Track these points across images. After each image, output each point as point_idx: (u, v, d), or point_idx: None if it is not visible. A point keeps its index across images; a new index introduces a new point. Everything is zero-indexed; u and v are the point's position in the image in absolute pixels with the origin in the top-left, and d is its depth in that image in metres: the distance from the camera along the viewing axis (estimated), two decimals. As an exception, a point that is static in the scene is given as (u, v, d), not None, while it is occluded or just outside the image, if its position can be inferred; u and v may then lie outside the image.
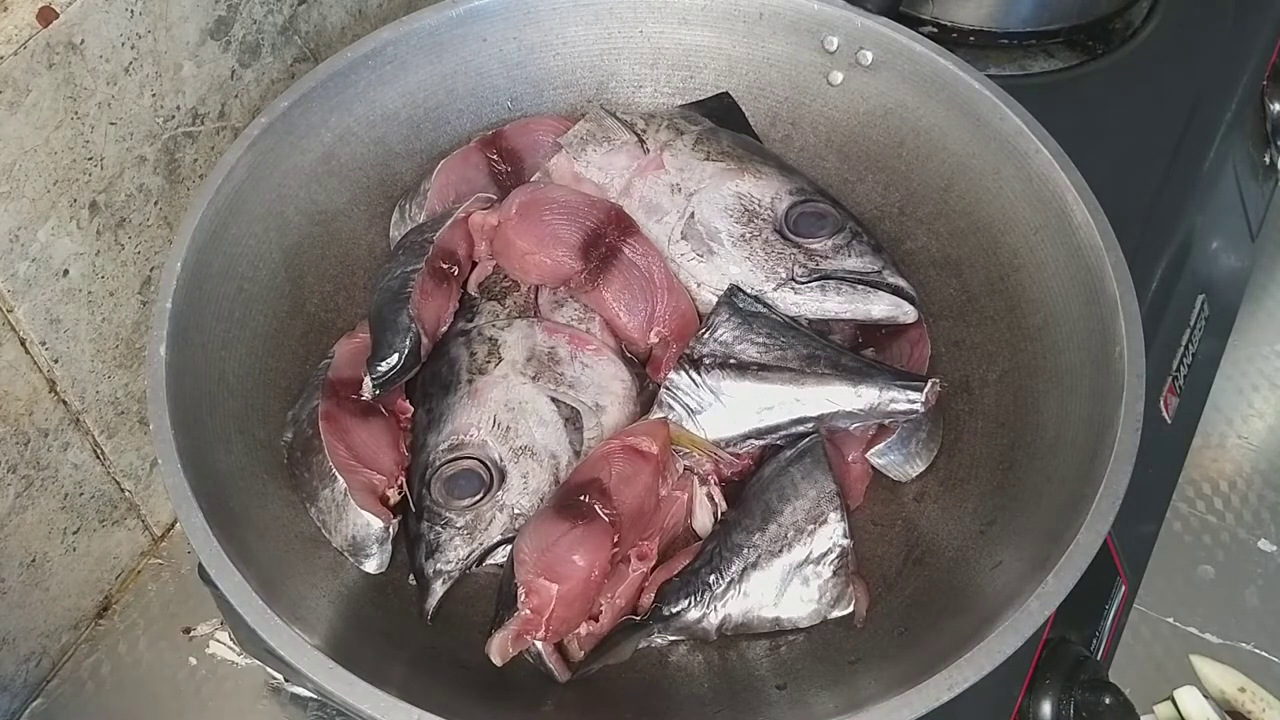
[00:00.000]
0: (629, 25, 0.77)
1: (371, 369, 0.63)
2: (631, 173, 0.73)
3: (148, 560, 0.80)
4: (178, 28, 0.67)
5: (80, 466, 0.72)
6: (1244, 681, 0.57)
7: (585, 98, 0.79)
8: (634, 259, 0.68)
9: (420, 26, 0.72)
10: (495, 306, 0.70)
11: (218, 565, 0.51)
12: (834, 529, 0.60)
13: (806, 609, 0.59)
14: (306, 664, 0.49)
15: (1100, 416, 0.57)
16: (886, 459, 0.64)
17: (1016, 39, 0.90)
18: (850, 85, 0.74)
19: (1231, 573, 0.81)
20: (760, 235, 0.69)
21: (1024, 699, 0.62)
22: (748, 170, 0.72)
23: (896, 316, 0.67)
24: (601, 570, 0.56)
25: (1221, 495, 0.85)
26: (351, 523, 0.59)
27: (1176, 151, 0.83)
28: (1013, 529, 0.58)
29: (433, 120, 0.75)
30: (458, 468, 0.62)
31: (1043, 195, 0.65)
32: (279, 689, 0.74)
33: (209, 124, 0.73)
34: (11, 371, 0.64)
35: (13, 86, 0.58)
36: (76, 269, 0.66)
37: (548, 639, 0.55)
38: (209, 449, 0.57)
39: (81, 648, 0.76)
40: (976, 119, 0.69)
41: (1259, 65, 0.92)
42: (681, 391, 0.63)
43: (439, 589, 0.59)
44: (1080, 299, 0.62)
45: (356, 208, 0.73)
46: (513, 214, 0.70)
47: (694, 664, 0.59)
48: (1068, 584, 0.51)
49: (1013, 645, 0.49)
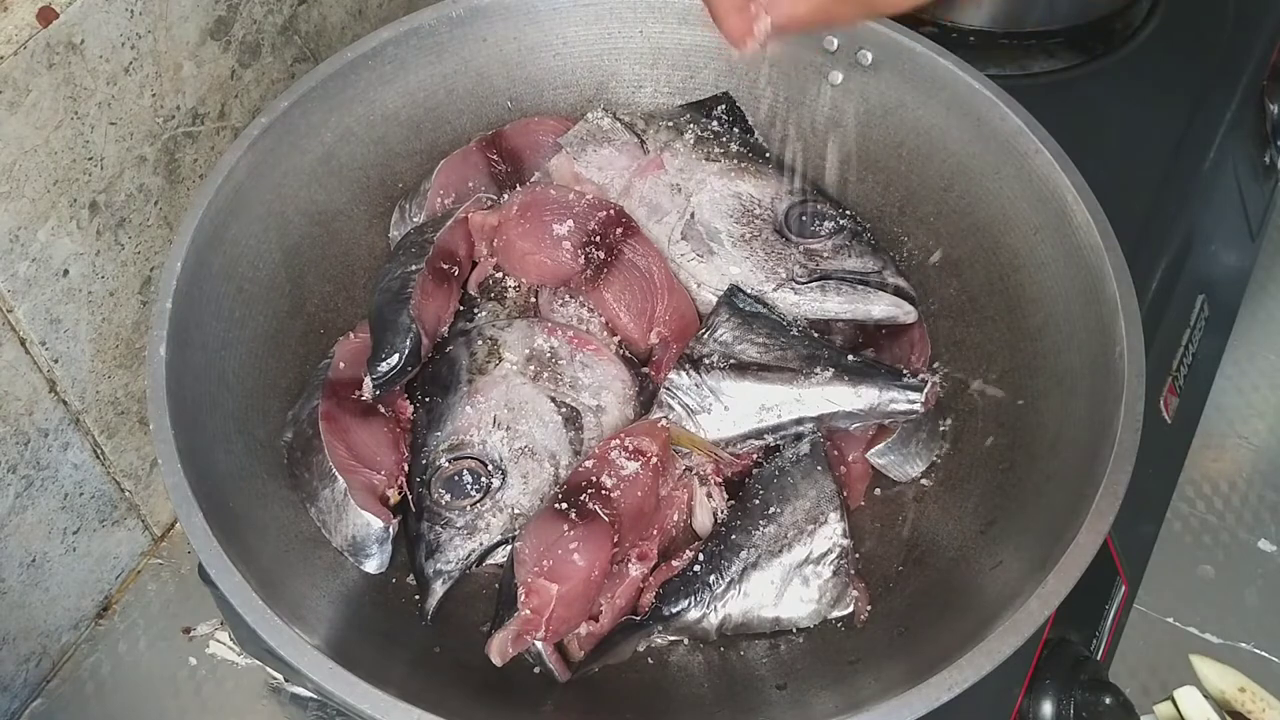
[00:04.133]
0: (629, 25, 0.77)
1: (372, 369, 0.63)
2: (631, 173, 0.73)
3: (148, 560, 0.80)
4: (178, 28, 0.67)
5: (80, 466, 0.72)
6: (1244, 681, 0.57)
7: (585, 98, 0.79)
8: (634, 259, 0.68)
9: (420, 26, 0.72)
10: (495, 306, 0.70)
11: (218, 565, 0.51)
12: (834, 529, 0.60)
13: (806, 609, 0.59)
14: (306, 664, 0.49)
15: (1100, 416, 0.57)
16: (886, 459, 0.64)
17: (1016, 39, 0.90)
18: (850, 85, 0.74)
19: (1231, 573, 0.81)
20: (760, 235, 0.69)
21: (1024, 699, 0.62)
22: (748, 170, 0.72)
23: (896, 316, 0.67)
24: (601, 570, 0.56)
25: (1221, 495, 0.85)
26: (351, 523, 0.59)
27: (1176, 151, 0.83)
28: (1013, 529, 0.59)
29: (433, 120, 0.75)
30: (458, 468, 0.62)
31: (1043, 195, 0.65)
32: (279, 689, 0.74)
33: (209, 124, 0.73)
34: (11, 371, 0.64)
35: (13, 86, 0.58)
36: (76, 269, 0.66)
37: (548, 639, 0.55)
38: (209, 449, 0.58)
39: (81, 648, 0.76)
40: (976, 119, 0.69)
41: (1259, 65, 0.92)
42: (681, 391, 0.63)
43: (439, 589, 0.59)
44: (1080, 299, 0.62)
45: (356, 208, 0.73)
46: (513, 214, 0.70)
47: (694, 664, 0.59)
48: (1068, 584, 0.51)
49: (1013, 645, 0.49)
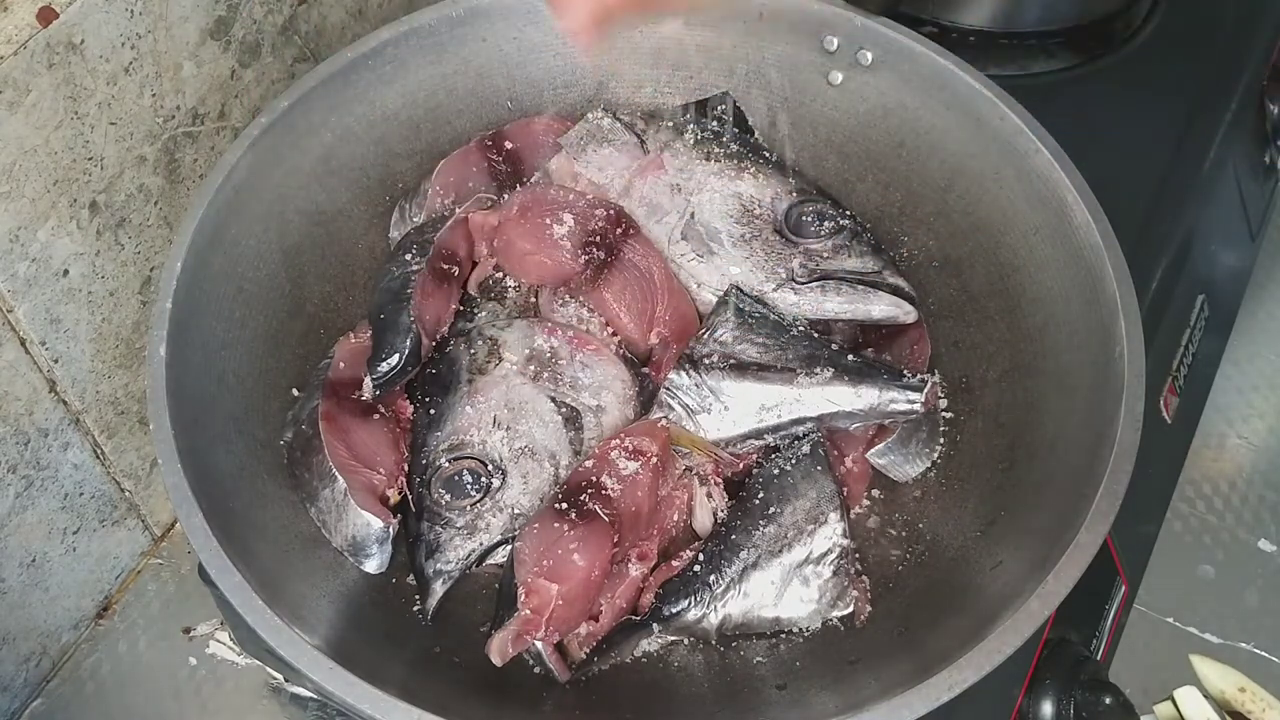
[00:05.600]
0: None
1: (372, 369, 0.63)
2: (632, 173, 0.73)
3: (148, 560, 0.80)
4: (178, 28, 0.67)
5: (80, 466, 0.72)
6: (1244, 681, 0.57)
7: (585, 98, 0.79)
8: (634, 259, 0.68)
9: (420, 26, 0.72)
10: (495, 306, 0.70)
11: (218, 565, 0.51)
12: (834, 529, 0.60)
13: (806, 609, 0.59)
14: (306, 664, 0.49)
15: (1100, 416, 0.57)
16: (886, 459, 0.64)
17: (1016, 39, 0.90)
18: (850, 85, 0.74)
19: (1231, 573, 0.81)
20: (760, 235, 0.69)
21: (1024, 699, 0.62)
22: (747, 170, 0.72)
23: (896, 316, 0.67)
24: (601, 570, 0.56)
25: (1221, 495, 0.85)
26: (351, 523, 0.59)
27: (1176, 151, 0.83)
28: (1013, 529, 0.59)
29: (433, 120, 0.75)
30: (458, 468, 0.62)
31: (1043, 195, 0.65)
32: (279, 689, 0.74)
33: (209, 124, 0.73)
34: (11, 371, 0.64)
35: (13, 86, 0.58)
36: (76, 269, 0.66)
37: (548, 639, 0.55)
38: (209, 449, 0.57)
39: (81, 648, 0.76)
40: (976, 119, 0.69)
41: (1259, 65, 0.92)
42: (681, 391, 0.63)
43: (439, 589, 0.59)
44: (1080, 299, 0.62)
45: (356, 208, 0.73)
46: (513, 214, 0.70)
47: (694, 664, 0.59)
48: (1068, 584, 0.51)
49: (1013, 645, 0.49)
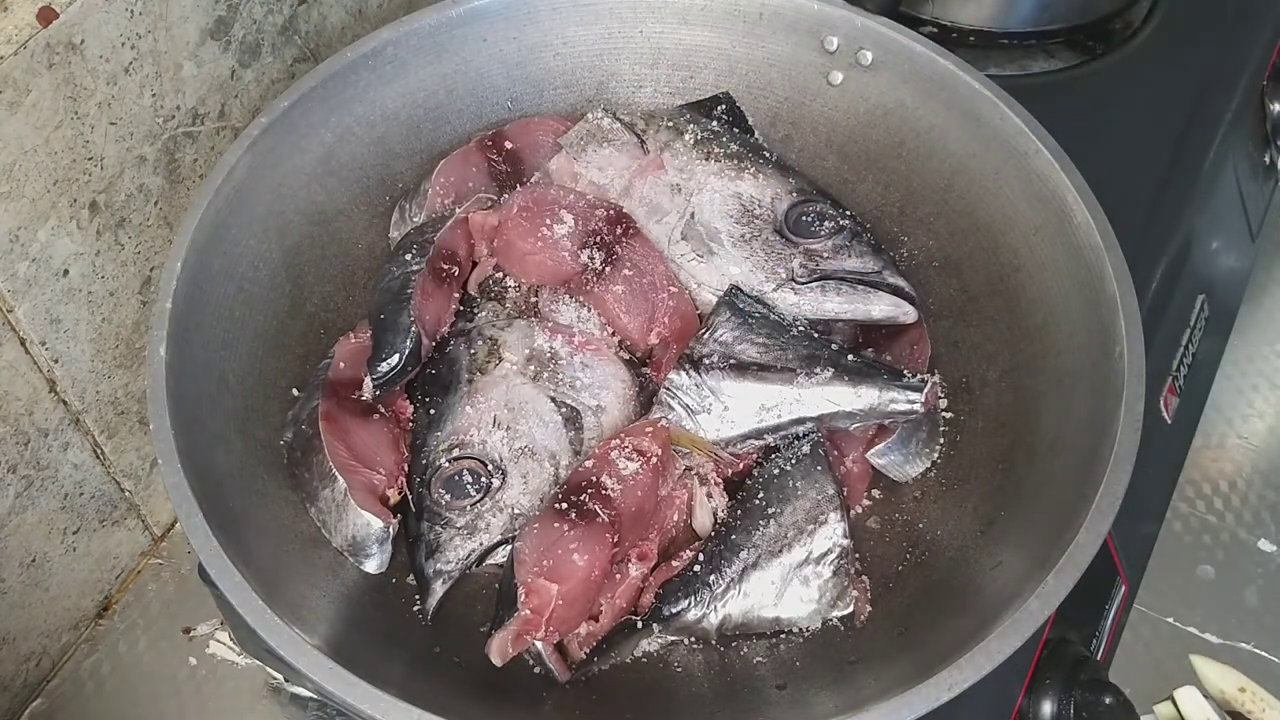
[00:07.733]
0: (629, 25, 0.77)
1: (372, 369, 0.63)
2: (632, 173, 0.73)
3: (148, 560, 0.80)
4: (178, 28, 0.67)
5: (80, 466, 0.72)
6: (1244, 681, 0.57)
7: (585, 98, 0.79)
8: (634, 259, 0.68)
9: (420, 26, 0.72)
10: (495, 306, 0.70)
11: (218, 565, 0.51)
12: (834, 529, 0.60)
13: (806, 609, 0.59)
14: (306, 664, 0.49)
15: (1100, 416, 0.57)
16: (886, 459, 0.64)
17: (1016, 39, 0.90)
18: (850, 85, 0.74)
19: (1231, 573, 0.81)
20: (760, 236, 0.69)
21: (1024, 699, 0.62)
22: (747, 170, 0.72)
23: (896, 316, 0.67)
24: (601, 570, 0.56)
25: (1221, 495, 0.85)
26: (351, 523, 0.59)
27: (1176, 151, 0.83)
28: (1013, 529, 0.59)
29: (433, 120, 0.75)
30: (458, 468, 0.62)
31: (1043, 195, 0.65)
32: (279, 689, 0.74)
33: (209, 124, 0.73)
34: (11, 371, 0.64)
35: (13, 86, 0.58)
36: (76, 269, 0.66)
37: (548, 639, 0.55)
38: (209, 449, 0.57)
39: (81, 648, 0.76)
40: (976, 119, 0.69)
41: (1259, 65, 0.92)
42: (681, 391, 0.63)
43: (439, 589, 0.59)
44: (1080, 299, 0.62)
45: (356, 208, 0.73)
46: (513, 214, 0.70)
47: (694, 664, 0.59)
48: (1068, 584, 0.51)
49: (1013, 645, 0.49)
